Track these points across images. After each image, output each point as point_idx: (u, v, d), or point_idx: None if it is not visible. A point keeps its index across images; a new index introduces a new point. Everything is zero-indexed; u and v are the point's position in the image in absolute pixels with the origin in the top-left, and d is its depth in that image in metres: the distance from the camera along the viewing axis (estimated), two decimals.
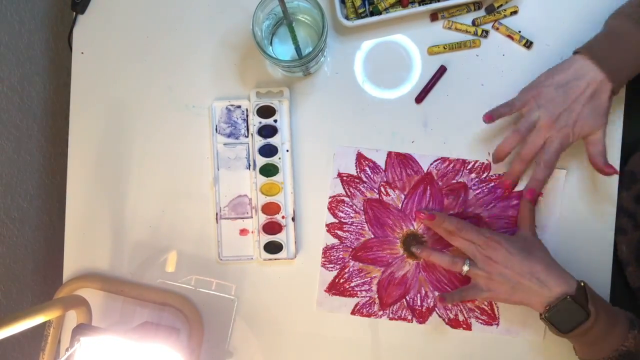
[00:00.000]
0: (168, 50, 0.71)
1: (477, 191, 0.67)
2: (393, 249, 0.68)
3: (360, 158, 0.68)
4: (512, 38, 0.67)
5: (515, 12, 0.67)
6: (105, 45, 0.72)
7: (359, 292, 0.68)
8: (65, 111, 0.72)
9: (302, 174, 0.69)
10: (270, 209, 0.68)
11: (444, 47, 0.68)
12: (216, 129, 0.69)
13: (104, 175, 0.71)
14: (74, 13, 0.71)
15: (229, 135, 0.69)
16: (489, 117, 0.63)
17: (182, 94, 0.71)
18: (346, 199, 0.68)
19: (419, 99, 0.68)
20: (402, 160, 0.68)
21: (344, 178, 0.68)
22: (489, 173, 0.67)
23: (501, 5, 0.67)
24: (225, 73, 0.70)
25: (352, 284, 0.68)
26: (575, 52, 0.61)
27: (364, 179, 0.68)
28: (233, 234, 0.69)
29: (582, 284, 0.58)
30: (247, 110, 0.69)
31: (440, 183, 0.68)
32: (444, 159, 0.68)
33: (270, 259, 0.68)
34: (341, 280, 0.68)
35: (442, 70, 0.68)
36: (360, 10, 0.67)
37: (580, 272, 0.61)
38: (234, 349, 0.70)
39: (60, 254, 0.71)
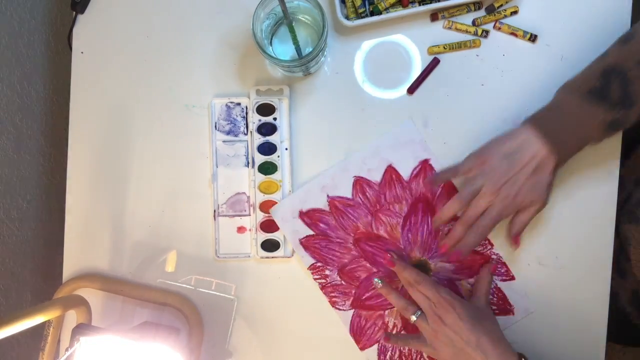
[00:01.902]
0: (168, 49, 0.71)
1: None
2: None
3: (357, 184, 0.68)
4: (515, 35, 0.67)
5: (515, 12, 0.67)
6: (105, 44, 0.72)
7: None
8: (65, 111, 0.72)
9: (300, 173, 0.69)
10: (268, 206, 0.68)
11: (444, 47, 0.68)
12: (215, 126, 0.69)
13: (104, 175, 0.71)
14: (74, 13, 0.71)
15: (228, 133, 0.69)
16: (430, 184, 0.64)
17: (181, 93, 0.71)
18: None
19: (411, 89, 0.68)
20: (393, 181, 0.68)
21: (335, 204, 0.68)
22: None
23: (501, 5, 0.67)
24: (225, 73, 0.70)
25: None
26: (525, 122, 0.61)
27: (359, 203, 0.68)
28: (231, 232, 0.69)
29: (522, 358, 0.58)
30: (246, 107, 0.69)
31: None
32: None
33: (267, 257, 0.68)
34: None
35: (435, 62, 0.68)
36: (361, 10, 0.67)
37: (579, 276, 0.61)
38: (233, 348, 0.70)
39: (60, 254, 0.71)
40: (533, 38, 0.67)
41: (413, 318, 0.62)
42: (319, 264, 0.68)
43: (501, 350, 0.58)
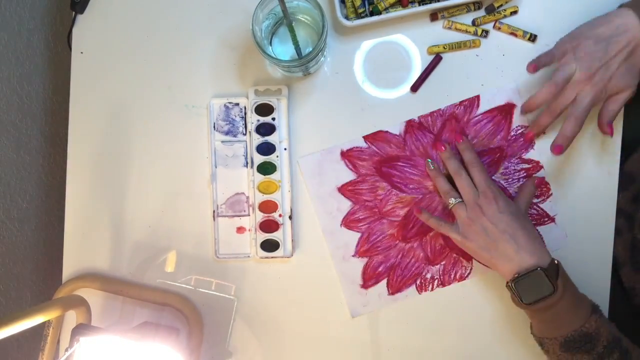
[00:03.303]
0: (167, 50, 0.71)
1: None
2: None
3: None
4: (515, 35, 0.67)
5: (515, 12, 0.67)
6: (104, 44, 0.71)
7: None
8: (64, 111, 0.72)
9: (299, 173, 0.69)
10: (267, 207, 0.68)
11: (443, 47, 0.68)
12: (214, 127, 0.69)
13: (104, 175, 0.71)
14: (73, 13, 0.71)
15: (226, 133, 0.69)
16: (534, 67, 0.60)
17: (181, 93, 0.71)
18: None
19: (414, 87, 0.68)
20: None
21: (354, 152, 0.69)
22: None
23: (501, 5, 0.67)
24: (224, 73, 0.70)
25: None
26: (621, 6, 0.59)
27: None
28: (230, 232, 0.69)
29: (556, 262, 0.58)
30: (245, 108, 0.69)
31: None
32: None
33: (266, 257, 0.68)
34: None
35: (437, 59, 0.68)
36: (360, 10, 0.67)
37: (579, 273, 0.61)
38: (233, 349, 0.70)
39: (59, 254, 0.71)
40: (533, 38, 0.67)
41: (452, 201, 0.62)
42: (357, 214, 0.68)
43: (536, 247, 0.58)
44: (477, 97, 0.67)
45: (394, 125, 0.68)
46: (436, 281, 0.68)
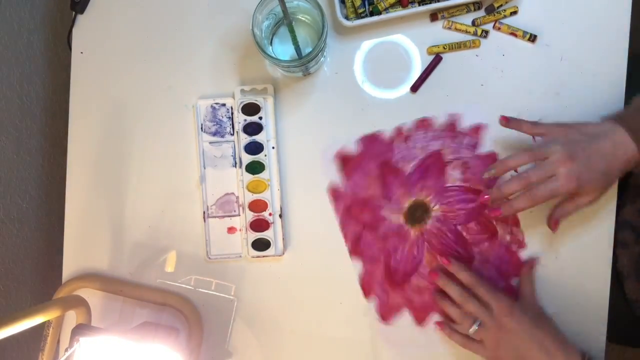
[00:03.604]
0: (167, 50, 0.71)
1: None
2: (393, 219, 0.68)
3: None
4: (515, 35, 0.67)
5: (515, 13, 0.67)
6: (104, 45, 0.72)
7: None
8: (64, 111, 0.72)
9: (290, 171, 0.69)
10: (257, 206, 0.68)
11: (443, 47, 0.68)
12: (201, 128, 0.69)
13: (104, 175, 0.71)
14: (74, 13, 0.71)
15: (214, 134, 0.69)
16: (506, 120, 0.61)
17: (181, 93, 0.71)
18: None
19: (414, 88, 0.68)
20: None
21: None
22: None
23: (501, 5, 0.67)
24: (225, 73, 0.70)
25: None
26: (606, 118, 0.58)
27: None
28: (221, 233, 0.69)
29: (586, 356, 0.58)
30: (232, 108, 0.69)
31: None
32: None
33: (258, 257, 0.68)
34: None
35: (437, 59, 0.68)
36: (360, 10, 0.67)
37: (578, 285, 0.61)
38: (233, 349, 0.70)
39: (59, 254, 0.71)
40: (533, 38, 0.67)
41: (472, 330, 0.61)
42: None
43: (563, 347, 0.58)
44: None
45: (355, 269, 0.68)
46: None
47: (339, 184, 0.68)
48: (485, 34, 0.67)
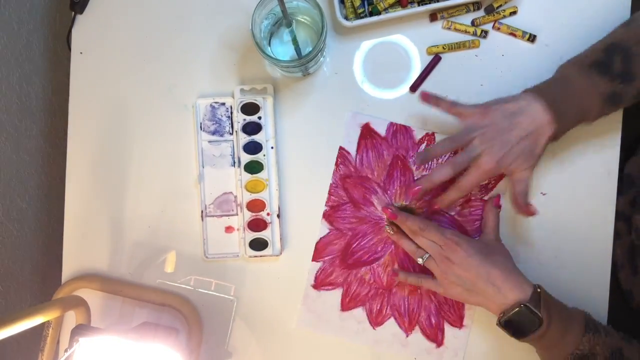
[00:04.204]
0: (167, 50, 0.71)
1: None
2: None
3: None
4: (514, 35, 0.67)
5: (514, 13, 0.67)
6: (104, 45, 0.71)
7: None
8: (64, 111, 0.72)
9: (287, 171, 0.69)
10: (255, 206, 0.68)
11: (443, 47, 0.68)
12: (201, 127, 0.69)
13: (103, 176, 0.71)
14: (73, 13, 0.71)
15: (213, 133, 0.69)
16: (426, 97, 0.63)
17: (181, 93, 0.71)
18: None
19: (413, 87, 0.68)
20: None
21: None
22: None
23: (500, 5, 0.67)
24: (224, 73, 0.70)
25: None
26: (525, 90, 0.61)
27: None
28: (219, 232, 0.69)
29: (538, 289, 0.58)
30: (231, 107, 0.69)
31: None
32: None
33: (255, 256, 0.68)
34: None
35: (436, 59, 0.68)
36: (360, 11, 0.67)
37: (578, 275, 0.61)
38: (233, 349, 0.70)
39: (59, 255, 0.71)
40: (532, 38, 0.67)
41: (421, 260, 0.63)
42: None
43: (514, 282, 0.58)
44: (340, 148, 0.68)
45: (320, 230, 0.69)
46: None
47: (352, 150, 0.68)
48: (484, 34, 0.67)
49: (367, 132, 0.68)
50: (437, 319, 0.68)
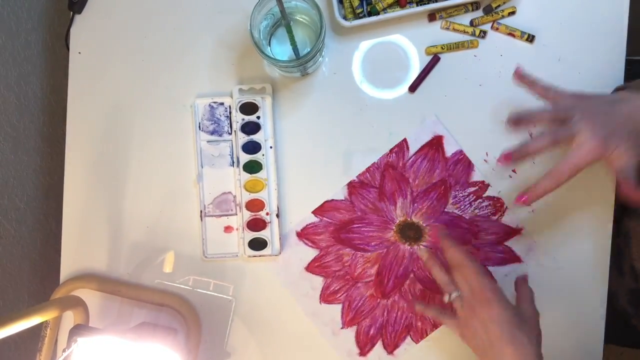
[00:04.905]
0: (166, 50, 0.71)
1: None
2: (385, 233, 0.68)
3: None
4: (513, 35, 0.67)
5: (513, 13, 0.67)
6: (102, 45, 0.71)
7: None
8: (62, 111, 0.71)
9: (287, 171, 0.69)
10: (254, 205, 0.68)
11: (441, 47, 0.68)
12: (199, 127, 0.69)
13: (102, 176, 0.71)
14: (71, 13, 0.71)
15: (212, 133, 0.69)
16: (519, 76, 0.58)
17: (179, 93, 0.70)
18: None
19: (412, 87, 0.68)
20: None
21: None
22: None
23: (499, 5, 0.67)
24: (223, 72, 0.70)
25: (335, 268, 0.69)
26: (618, 88, 0.57)
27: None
28: (218, 232, 0.69)
29: None
30: (230, 107, 0.69)
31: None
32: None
33: (254, 256, 0.68)
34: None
35: (435, 59, 0.68)
36: (358, 11, 0.67)
37: (576, 287, 0.63)
38: (232, 349, 0.70)
39: (57, 255, 0.71)
40: (531, 38, 0.67)
41: (449, 297, 0.58)
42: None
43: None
44: (404, 140, 0.68)
45: (336, 192, 0.68)
46: (428, 326, 0.68)
47: (412, 148, 0.68)
48: (483, 34, 0.67)
49: (435, 143, 0.68)
50: (376, 333, 0.68)
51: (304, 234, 0.69)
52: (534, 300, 0.58)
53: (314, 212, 0.69)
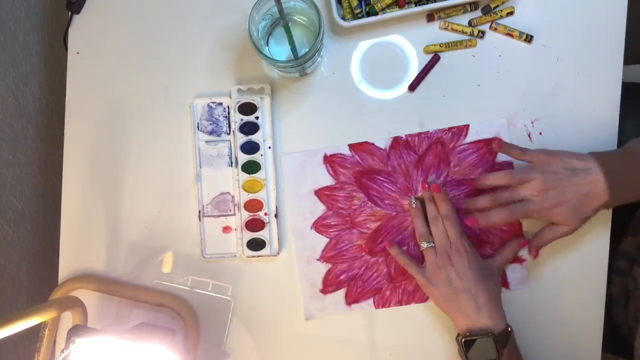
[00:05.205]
0: (164, 50, 0.71)
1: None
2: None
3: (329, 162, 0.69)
4: (511, 35, 0.67)
5: (511, 13, 0.67)
6: (101, 45, 0.71)
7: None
8: (60, 112, 0.71)
9: (284, 171, 0.69)
10: (253, 206, 0.68)
11: (440, 46, 0.68)
12: (198, 127, 0.69)
13: (100, 176, 0.71)
14: (70, 13, 0.71)
15: (210, 133, 0.69)
16: (499, 145, 0.63)
17: (178, 93, 0.70)
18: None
19: (412, 86, 0.68)
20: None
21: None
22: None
23: (497, 5, 0.67)
24: (221, 73, 0.70)
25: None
26: (592, 154, 0.60)
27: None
28: (216, 232, 0.69)
29: (510, 329, 0.59)
30: (228, 107, 0.69)
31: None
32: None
33: (253, 256, 0.68)
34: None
35: (435, 59, 0.68)
36: (357, 11, 0.67)
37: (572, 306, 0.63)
38: (230, 349, 0.70)
39: (55, 255, 0.71)
40: (529, 39, 0.67)
41: (424, 245, 0.63)
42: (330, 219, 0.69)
43: (494, 311, 0.59)
44: (467, 126, 0.67)
45: (380, 139, 0.68)
46: (394, 299, 0.68)
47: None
48: (481, 34, 0.67)
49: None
50: (345, 280, 0.68)
51: (330, 160, 0.68)
52: (506, 264, 0.65)
53: (350, 146, 0.68)
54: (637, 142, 0.59)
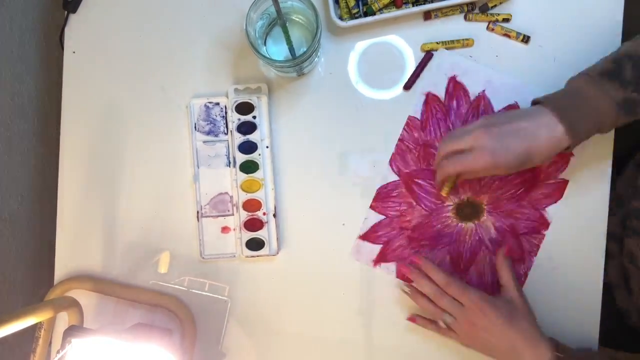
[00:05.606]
0: (161, 49, 0.71)
1: None
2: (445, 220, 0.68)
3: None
4: (508, 36, 0.67)
5: (507, 20, 0.67)
6: (97, 44, 0.71)
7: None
8: (56, 111, 0.71)
9: (284, 171, 0.69)
10: (251, 205, 0.68)
11: (436, 43, 0.68)
12: (195, 127, 0.69)
13: (96, 176, 0.71)
14: (66, 12, 0.71)
15: (208, 133, 0.69)
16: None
17: (175, 93, 0.70)
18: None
19: (407, 86, 0.68)
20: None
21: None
22: None
23: (495, 5, 0.67)
24: (218, 72, 0.70)
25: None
26: (535, 102, 0.59)
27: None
28: (215, 232, 0.69)
29: (558, 354, 0.58)
30: (225, 107, 0.68)
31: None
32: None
33: (252, 256, 0.68)
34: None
35: (428, 56, 0.68)
36: (354, 11, 0.67)
37: (571, 297, 0.63)
38: (227, 350, 0.70)
39: (51, 255, 0.71)
40: (526, 39, 0.67)
41: (448, 320, 0.62)
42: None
43: (533, 347, 0.58)
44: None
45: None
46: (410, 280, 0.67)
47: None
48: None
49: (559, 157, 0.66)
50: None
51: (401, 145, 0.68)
52: (516, 282, 0.63)
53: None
54: (574, 78, 0.58)
